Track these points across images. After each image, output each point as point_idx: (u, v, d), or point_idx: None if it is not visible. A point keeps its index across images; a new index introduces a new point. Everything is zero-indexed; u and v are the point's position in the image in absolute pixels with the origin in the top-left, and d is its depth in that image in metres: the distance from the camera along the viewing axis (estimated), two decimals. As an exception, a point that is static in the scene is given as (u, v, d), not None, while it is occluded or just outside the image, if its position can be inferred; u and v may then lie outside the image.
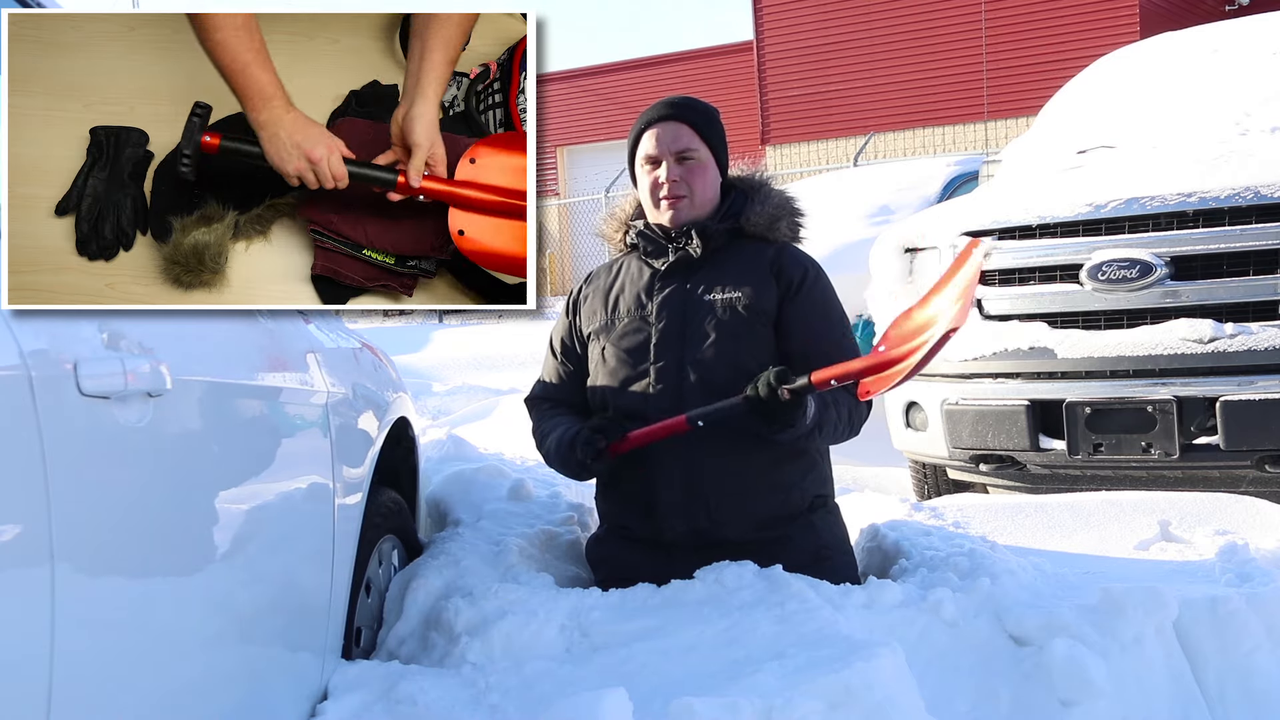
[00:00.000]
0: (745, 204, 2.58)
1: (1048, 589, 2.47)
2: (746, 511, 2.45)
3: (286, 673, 1.93)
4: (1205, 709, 2.24)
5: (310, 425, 2.06)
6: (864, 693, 1.85)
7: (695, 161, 2.51)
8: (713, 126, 2.57)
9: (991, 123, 16.73)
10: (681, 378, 2.45)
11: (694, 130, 2.52)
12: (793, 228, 2.60)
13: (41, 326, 1.30)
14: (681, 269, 2.53)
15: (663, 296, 2.52)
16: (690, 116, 2.53)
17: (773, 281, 2.49)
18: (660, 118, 2.53)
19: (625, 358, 2.52)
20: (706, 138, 2.53)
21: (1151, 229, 3.65)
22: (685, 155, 2.51)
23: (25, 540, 1.18)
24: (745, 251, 2.53)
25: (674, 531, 2.46)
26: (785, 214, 2.58)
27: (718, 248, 2.53)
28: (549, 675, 2.01)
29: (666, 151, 2.51)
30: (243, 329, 1.90)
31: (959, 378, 3.97)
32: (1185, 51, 4.86)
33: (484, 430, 5.25)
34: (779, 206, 2.58)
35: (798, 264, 2.53)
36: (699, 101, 2.61)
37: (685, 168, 2.51)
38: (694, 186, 2.51)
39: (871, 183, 7.26)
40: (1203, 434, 3.53)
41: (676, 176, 2.50)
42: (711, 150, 2.54)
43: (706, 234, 2.51)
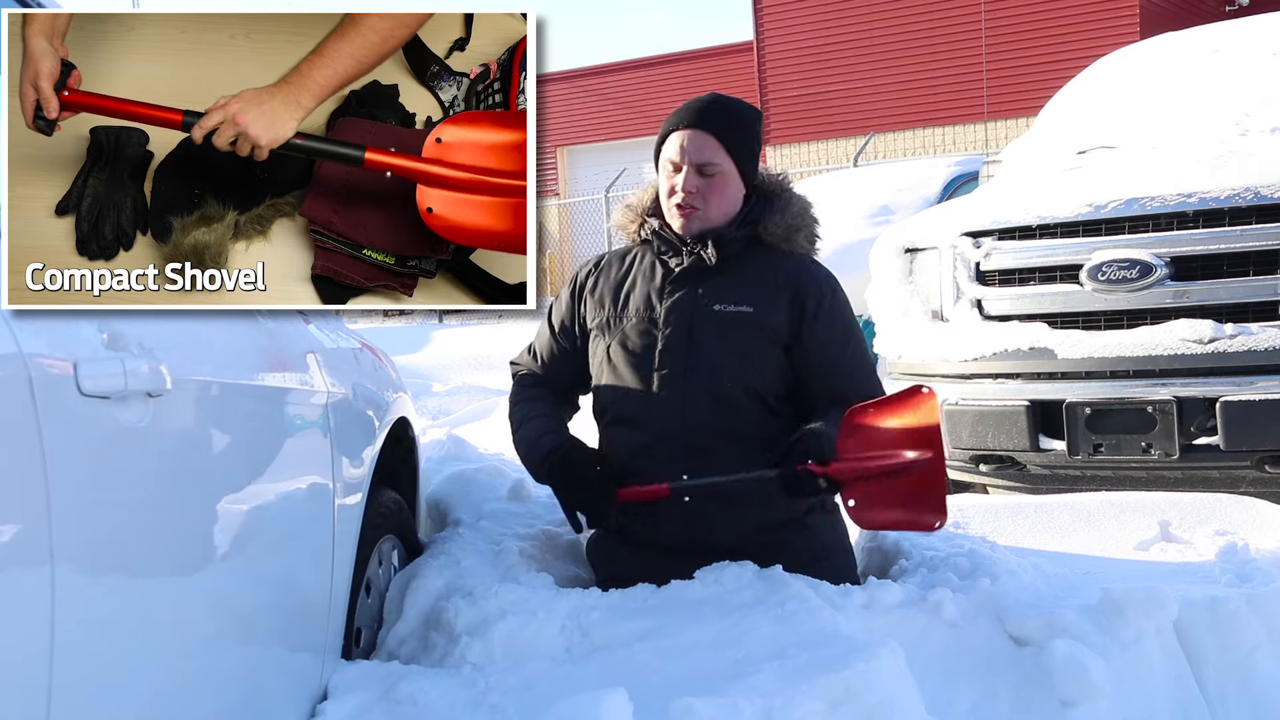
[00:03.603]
0: (765, 211, 2.52)
1: (1048, 589, 2.47)
2: (744, 517, 2.43)
3: (286, 673, 1.93)
4: (1205, 709, 2.24)
5: (310, 425, 2.06)
6: (864, 693, 1.85)
7: (716, 176, 2.46)
8: (743, 138, 2.50)
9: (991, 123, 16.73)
10: (685, 387, 2.43)
11: (720, 143, 2.45)
12: (810, 239, 2.57)
13: (41, 326, 1.30)
14: (694, 275, 2.49)
15: (672, 301, 2.48)
16: (720, 127, 2.46)
17: (786, 298, 2.46)
18: (690, 124, 2.47)
19: (630, 361, 2.49)
20: (733, 150, 2.47)
21: (1152, 229, 3.65)
22: (706, 168, 2.45)
23: (25, 540, 1.18)
24: (760, 261, 2.49)
25: (672, 536, 2.45)
26: (804, 224, 2.54)
27: (732, 255, 2.49)
28: (549, 675, 2.01)
29: (688, 161, 2.46)
30: (243, 329, 1.90)
31: (959, 378, 3.97)
32: (1185, 51, 4.86)
33: (484, 430, 5.25)
34: (798, 216, 2.53)
35: (815, 283, 2.49)
36: (736, 106, 2.53)
37: (704, 180, 2.45)
38: (709, 200, 2.46)
39: (871, 183, 7.26)
40: (1203, 434, 3.53)
41: (693, 188, 2.45)
42: (737, 161, 2.48)
43: (722, 242, 2.47)
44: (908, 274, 4.26)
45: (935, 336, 4.05)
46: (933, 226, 4.26)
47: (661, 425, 2.41)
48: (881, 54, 18.35)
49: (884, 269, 4.38)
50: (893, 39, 18.22)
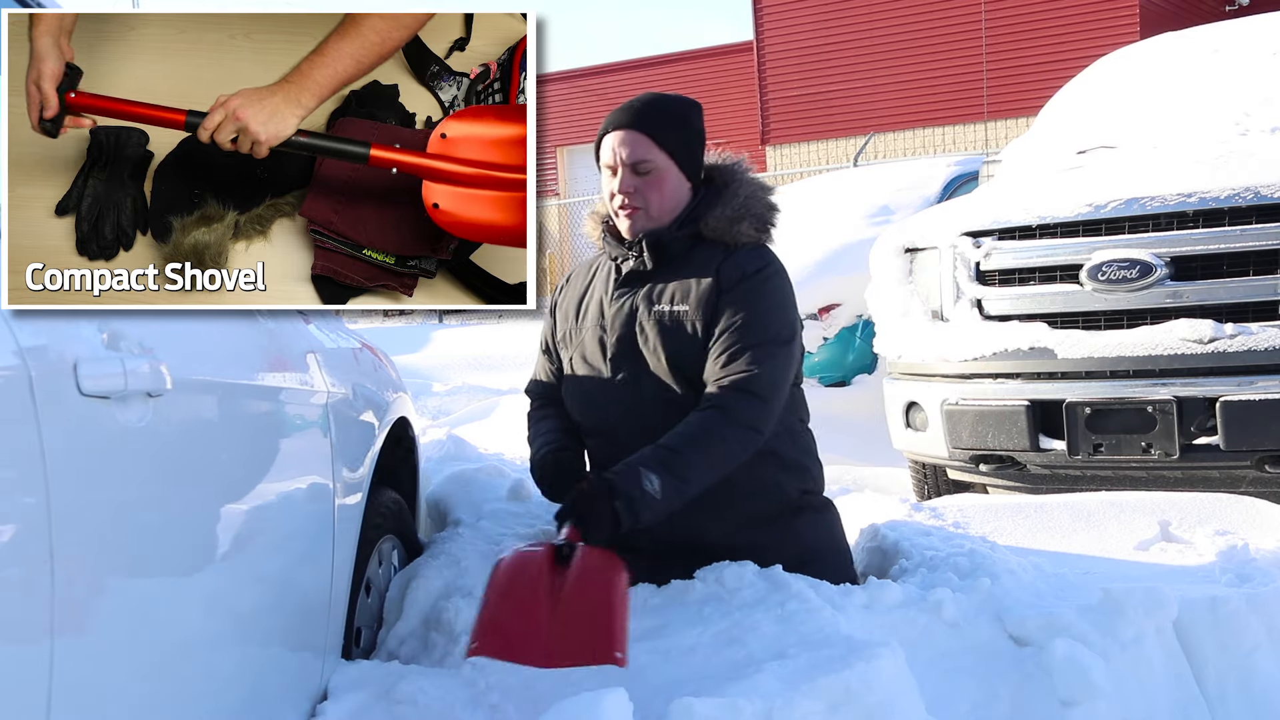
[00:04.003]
0: (710, 205, 2.45)
1: (1048, 589, 2.47)
2: (723, 516, 2.41)
3: (286, 673, 1.93)
4: (1205, 709, 2.24)
5: (310, 425, 2.06)
6: (864, 693, 1.85)
7: (652, 174, 2.41)
8: (678, 132, 2.45)
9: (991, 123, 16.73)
10: (639, 392, 2.41)
11: (652, 140, 2.41)
12: (758, 226, 2.47)
13: (41, 326, 1.30)
14: (638, 278, 2.46)
15: (616, 308, 2.47)
16: (650, 125, 2.42)
17: (717, 290, 2.38)
18: (619, 125, 2.43)
19: (589, 369, 2.49)
20: (668, 145, 2.42)
21: (1151, 229, 3.66)
22: (641, 166, 2.41)
23: (25, 540, 1.18)
24: (702, 257, 2.43)
25: (656, 541, 2.45)
26: (748, 213, 2.45)
27: (676, 254, 2.44)
28: (549, 675, 2.01)
29: (621, 161, 2.42)
30: (243, 329, 1.90)
31: (959, 378, 3.97)
32: (1185, 51, 4.87)
33: (484, 430, 5.25)
34: (742, 206, 2.44)
35: (738, 267, 2.39)
36: (667, 102, 2.49)
37: (641, 179, 2.42)
38: (649, 198, 2.42)
39: (871, 183, 7.26)
40: (1203, 434, 3.53)
41: (630, 188, 2.42)
42: (674, 156, 2.43)
43: (660, 245, 2.43)
44: (908, 274, 4.26)
45: (935, 336, 4.05)
46: (933, 226, 4.27)
47: (625, 432, 2.38)
48: (881, 54, 18.35)
49: (884, 269, 4.39)
50: (892, 39, 18.22)
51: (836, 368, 6.03)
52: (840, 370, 6.03)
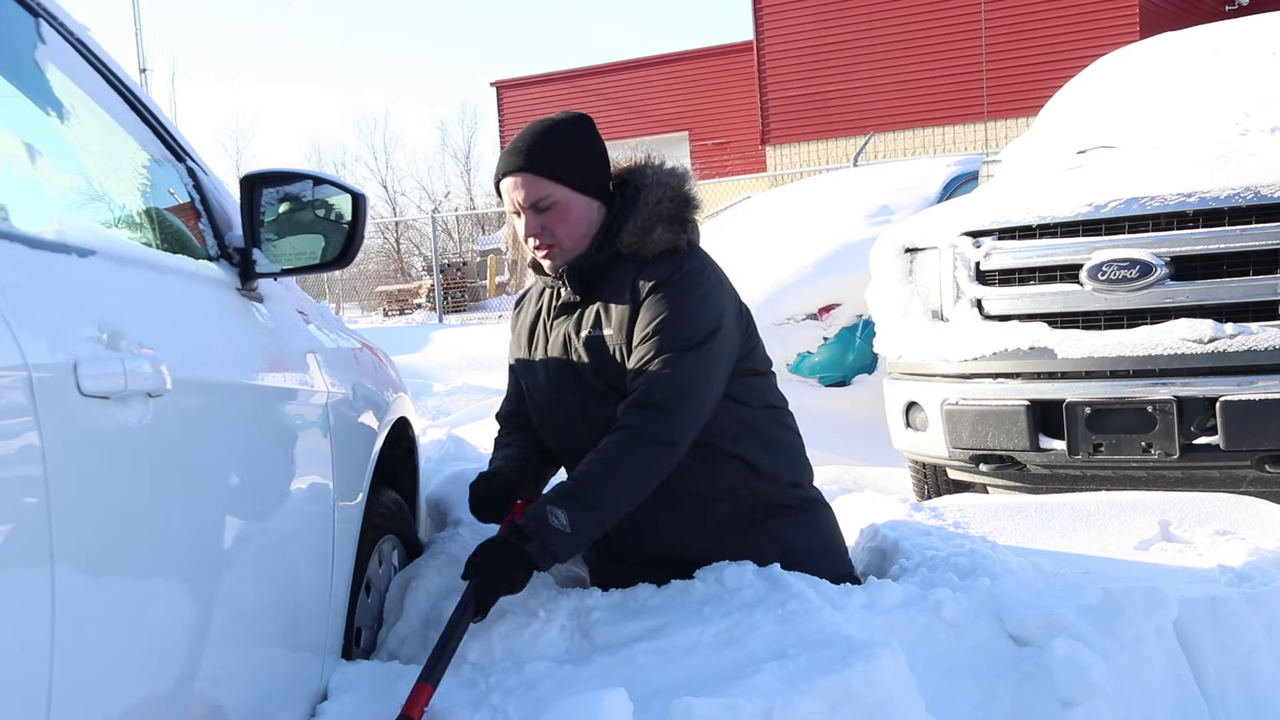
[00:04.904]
0: (624, 220, 2.39)
1: (1048, 589, 2.47)
2: (696, 525, 2.39)
3: (286, 673, 1.93)
4: (1205, 709, 2.24)
5: (310, 425, 2.06)
6: (864, 693, 1.85)
7: (554, 208, 2.38)
8: (568, 159, 2.39)
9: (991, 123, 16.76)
10: (588, 415, 2.39)
11: (543, 176, 2.37)
12: (673, 227, 2.39)
13: (41, 326, 1.30)
14: (568, 307, 2.46)
15: (554, 336, 2.47)
16: (538, 162, 2.37)
17: (635, 306, 2.34)
18: (508, 170, 2.40)
19: (541, 395, 2.51)
20: (560, 177, 2.37)
21: (1151, 229, 3.66)
22: (540, 203, 2.38)
23: (25, 540, 1.18)
24: (621, 275, 2.38)
25: (634, 553, 2.44)
26: (659, 219, 2.38)
27: (598, 276, 2.41)
28: (549, 676, 2.01)
29: (521, 206, 2.40)
30: (243, 329, 1.90)
31: (959, 378, 3.97)
32: (1185, 51, 4.87)
33: (484, 430, 5.24)
34: (651, 214, 2.38)
35: (649, 279, 2.34)
36: (550, 132, 2.41)
37: (545, 215, 2.39)
38: (559, 233, 2.39)
39: (871, 183, 7.26)
40: (1203, 434, 3.53)
41: (538, 228, 2.39)
42: (571, 184, 2.38)
43: (581, 273, 2.40)
44: (908, 274, 4.26)
45: (935, 336, 4.05)
46: (933, 226, 4.27)
47: (587, 453, 2.32)
48: (881, 54, 18.37)
49: (884, 269, 4.39)
50: (892, 39, 18.25)
51: (836, 368, 6.03)
52: (840, 370, 6.04)
